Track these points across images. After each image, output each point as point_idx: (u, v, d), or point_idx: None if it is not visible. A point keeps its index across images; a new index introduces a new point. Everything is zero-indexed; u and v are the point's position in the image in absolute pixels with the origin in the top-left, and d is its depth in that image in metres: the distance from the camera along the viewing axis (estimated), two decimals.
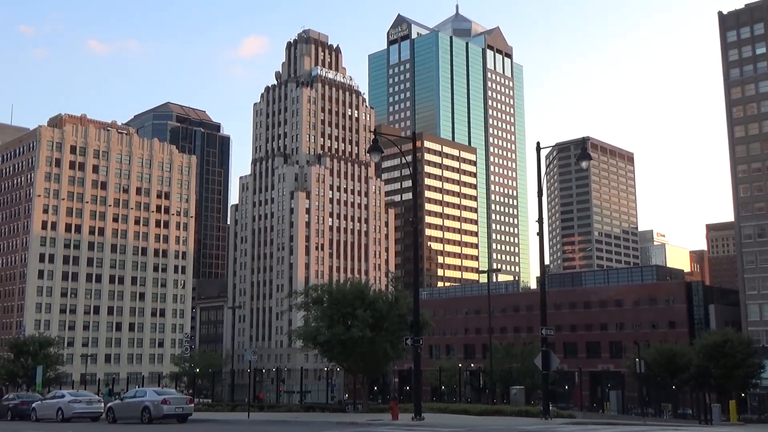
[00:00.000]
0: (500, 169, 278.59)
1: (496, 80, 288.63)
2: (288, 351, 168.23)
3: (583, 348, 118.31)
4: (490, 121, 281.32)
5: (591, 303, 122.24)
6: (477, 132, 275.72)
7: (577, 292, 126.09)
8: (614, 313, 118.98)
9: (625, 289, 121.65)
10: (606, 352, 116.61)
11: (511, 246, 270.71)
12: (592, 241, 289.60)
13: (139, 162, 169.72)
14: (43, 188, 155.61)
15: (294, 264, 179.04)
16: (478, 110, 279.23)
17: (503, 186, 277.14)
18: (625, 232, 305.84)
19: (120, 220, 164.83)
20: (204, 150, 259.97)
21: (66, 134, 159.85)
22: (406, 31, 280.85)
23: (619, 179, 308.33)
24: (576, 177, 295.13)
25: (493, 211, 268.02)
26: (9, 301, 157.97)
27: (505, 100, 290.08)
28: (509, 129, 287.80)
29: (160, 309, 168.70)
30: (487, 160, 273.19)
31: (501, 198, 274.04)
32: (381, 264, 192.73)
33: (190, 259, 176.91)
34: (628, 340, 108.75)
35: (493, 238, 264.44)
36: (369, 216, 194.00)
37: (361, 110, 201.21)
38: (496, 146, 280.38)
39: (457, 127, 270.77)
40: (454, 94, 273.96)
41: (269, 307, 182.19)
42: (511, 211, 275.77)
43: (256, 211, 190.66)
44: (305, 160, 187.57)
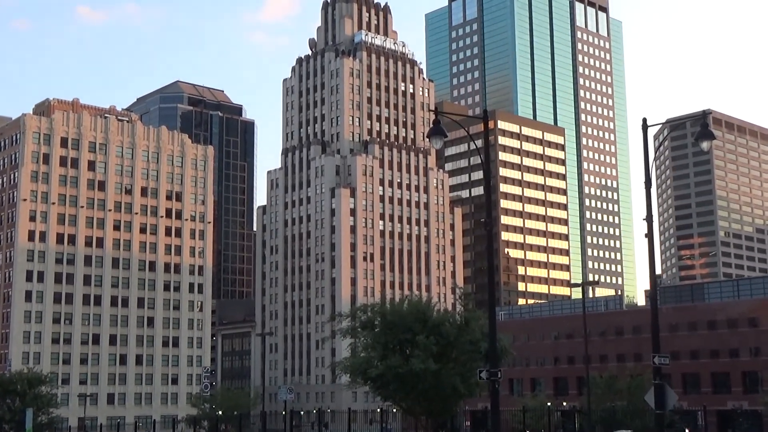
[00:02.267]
0: (596, 155, 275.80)
1: (589, 41, 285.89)
2: (332, 388, 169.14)
3: (708, 380, 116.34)
4: (582, 93, 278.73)
5: (717, 323, 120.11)
6: (565, 108, 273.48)
7: (699, 309, 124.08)
8: (748, 335, 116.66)
9: (761, 304, 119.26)
10: (738, 385, 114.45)
11: (612, 252, 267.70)
12: (717, 243, 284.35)
13: (145, 156, 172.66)
14: (29, 191, 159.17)
15: (337, 279, 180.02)
16: (566, 81, 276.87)
17: (600, 176, 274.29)
18: (760, 230, 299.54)
19: (122, 229, 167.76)
20: (223, 139, 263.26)
21: (55, 124, 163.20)
22: None
23: (750, 163, 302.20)
24: (694, 162, 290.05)
25: (587, 208, 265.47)
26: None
27: (601, 66, 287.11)
28: (606, 103, 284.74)
29: (174, 337, 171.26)
30: (579, 144, 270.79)
31: (598, 191, 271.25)
32: (446, 277, 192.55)
33: (208, 274, 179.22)
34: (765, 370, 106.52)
35: (589, 242, 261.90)
36: (430, 217, 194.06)
37: (418, 84, 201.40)
38: (590, 125, 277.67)
39: (540, 103, 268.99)
40: (534, 61, 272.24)
41: (307, 334, 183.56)
42: (610, 207, 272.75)
43: (289, 214, 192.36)
44: (348, 149, 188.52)
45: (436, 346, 41.17)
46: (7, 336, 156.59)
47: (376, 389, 44.33)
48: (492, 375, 32.22)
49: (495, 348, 33.19)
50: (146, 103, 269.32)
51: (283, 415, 56.22)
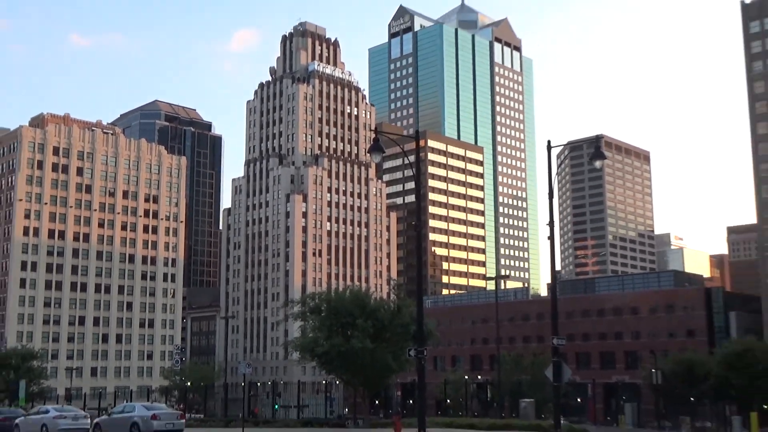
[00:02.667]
0: (509, 170, 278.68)
1: (505, 75, 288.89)
2: (284, 363, 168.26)
3: (597, 358, 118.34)
4: (498, 118, 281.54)
5: (605, 311, 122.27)
6: (484, 130, 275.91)
7: (591, 300, 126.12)
8: (629, 321, 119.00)
9: (640, 296, 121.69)
10: (621, 362, 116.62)
11: (521, 251, 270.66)
12: (606, 245, 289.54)
13: (126, 164, 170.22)
14: (25, 192, 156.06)
15: (290, 271, 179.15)
16: (485, 107, 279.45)
17: (512, 187, 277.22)
18: (641, 235, 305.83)
19: (106, 226, 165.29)
20: (194, 150, 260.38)
21: (48, 135, 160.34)
22: (409, 23, 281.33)
23: (634, 179, 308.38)
24: (589, 177, 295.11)
25: (501, 214, 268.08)
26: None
27: (514, 96, 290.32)
28: (518, 127, 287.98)
29: (149, 319, 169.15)
30: (495, 160, 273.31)
31: (510, 200, 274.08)
32: (382, 271, 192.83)
33: (180, 266, 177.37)
34: (644, 350, 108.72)
35: (502, 242, 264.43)
36: (369, 220, 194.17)
37: (361, 108, 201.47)
38: (505, 145, 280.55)
39: (463, 125, 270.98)
40: (459, 90, 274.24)
41: (264, 317, 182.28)
42: (520, 214, 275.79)
43: (250, 216, 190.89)
44: (302, 161, 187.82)
45: (372, 329, 41.32)
46: (4, 318, 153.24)
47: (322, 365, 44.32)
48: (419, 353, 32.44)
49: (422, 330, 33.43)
50: (128, 118, 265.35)
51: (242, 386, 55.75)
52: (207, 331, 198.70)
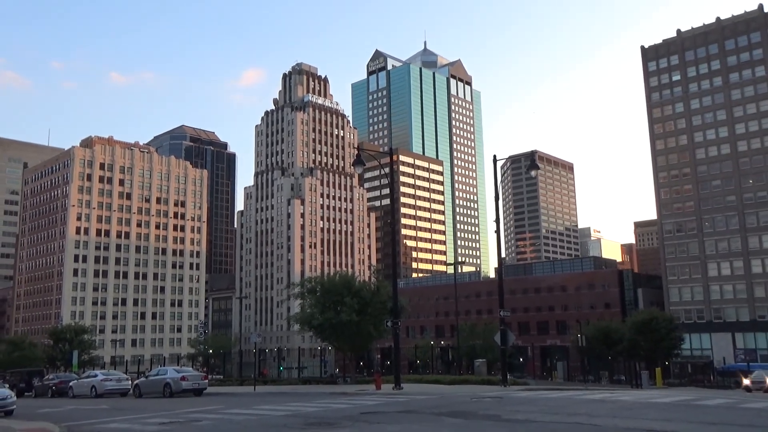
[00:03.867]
0: (463, 178, 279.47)
1: (459, 104, 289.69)
2: (287, 333, 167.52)
3: (535, 327, 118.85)
4: (455, 138, 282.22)
5: (540, 289, 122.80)
6: (443, 147, 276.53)
7: (529, 280, 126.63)
8: (559, 297, 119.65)
9: (568, 277, 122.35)
10: (553, 329, 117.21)
11: (474, 242, 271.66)
12: (540, 237, 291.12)
13: (159, 176, 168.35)
14: (77, 199, 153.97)
15: (291, 260, 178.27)
16: (444, 129, 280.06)
17: (466, 192, 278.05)
18: (568, 229, 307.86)
19: (143, 226, 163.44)
20: (214, 165, 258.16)
21: (96, 153, 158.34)
22: (383, 63, 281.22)
23: (561, 185, 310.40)
24: (526, 184, 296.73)
25: (458, 213, 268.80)
26: (48, 295, 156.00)
27: (467, 120, 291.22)
28: (470, 144, 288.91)
29: (178, 300, 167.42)
30: (452, 171, 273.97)
31: (464, 202, 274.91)
32: (365, 259, 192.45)
33: (203, 257, 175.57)
34: (571, 320, 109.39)
35: (459, 236, 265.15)
36: (354, 219, 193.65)
37: (346, 130, 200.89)
38: (460, 159, 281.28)
39: (427, 144, 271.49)
40: (423, 115, 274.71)
41: (271, 297, 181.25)
42: (473, 213, 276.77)
43: (259, 216, 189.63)
44: (300, 173, 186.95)
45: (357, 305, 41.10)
46: (60, 300, 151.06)
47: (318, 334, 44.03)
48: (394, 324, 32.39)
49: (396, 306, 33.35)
50: (160, 139, 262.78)
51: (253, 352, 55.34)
52: (225, 309, 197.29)
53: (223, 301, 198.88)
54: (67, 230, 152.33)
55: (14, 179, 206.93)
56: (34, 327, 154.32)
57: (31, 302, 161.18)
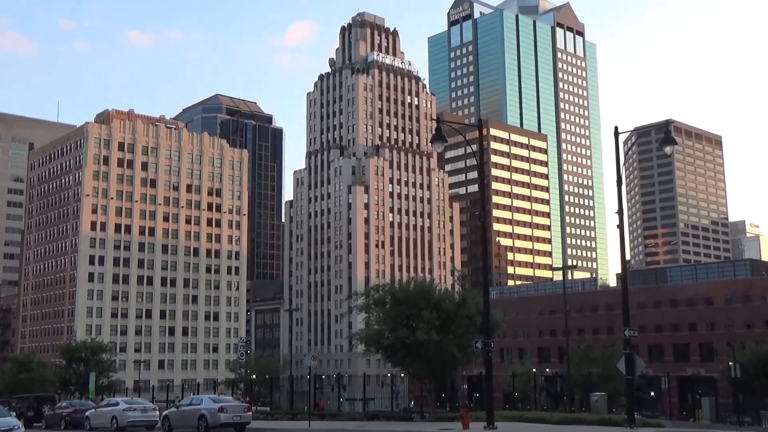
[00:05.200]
0: (574, 157, 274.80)
1: (568, 60, 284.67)
2: (349, 356, 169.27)
3: (670, 350, 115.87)
4: (562, 105, 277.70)
5: (678, 301, 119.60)
6: (547, 117, 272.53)
7: (662, 290, 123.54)
8: (704, 311, 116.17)
9: (715, 286, 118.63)
10: (695, 354, 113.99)
11: (588, 240, 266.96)
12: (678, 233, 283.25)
13: (189, 158, 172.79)
14: (92, 187, 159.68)
15: (353, 263, 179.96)
16: (548, 94, 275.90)
17: (577, 175, 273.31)
18: (714, 223, 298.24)
19: (170, 220, 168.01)
20: (256, 143, 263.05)
21: (113, 130, 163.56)
22: (468, 10, 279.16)
23: (706, 165, 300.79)
24: (658, 164, 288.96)
25: (567, 203, 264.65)
26: (59, 305, 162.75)
27: (578, 82, 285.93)
28: (583, 114, 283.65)
29: (214, 312, 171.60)
30: (559, 148, 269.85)
31: (575, 188, 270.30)
32: (446, 262, 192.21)
33: (243, 259, 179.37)
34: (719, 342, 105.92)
35: (568, 232, 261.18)
36: (432, 210, 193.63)
37: (422, 97, 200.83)
38: (569, 132, 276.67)
39: (526, 113, 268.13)
40: (521, 77, 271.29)
41: (328, 310, 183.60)
42: (586, 202, 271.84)
43: (312, 208, 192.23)
44: (363, 152, 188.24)
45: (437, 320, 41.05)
46: (73, 311, 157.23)
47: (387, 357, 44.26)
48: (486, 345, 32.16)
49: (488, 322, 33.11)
50: (190, 113, 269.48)
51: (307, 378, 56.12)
52: (271, 324, 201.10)
53: (269, 314, 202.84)
54: (80, 225, 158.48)
55: (19, 163, 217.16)
56: (43, 343, 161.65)
57: (39, 313, 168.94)
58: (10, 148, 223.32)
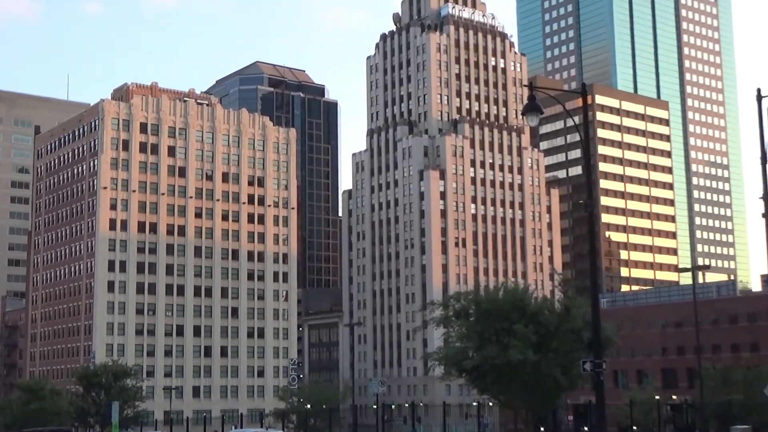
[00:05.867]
0: (704, 129, 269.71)
1: (694, 7, 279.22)
2: (424, 381, 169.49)
3: None
4: (687, 64, 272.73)
5: None
6: (668, 80, 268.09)
7: None
8: None
9: None
10: None
11: (723, 234, 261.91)
12: None
13: (225, 140, 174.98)
14: (109, 178, 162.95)
15: (427, 266, 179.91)
16: (670, 51, 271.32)
17: (709, 152, 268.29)
18: None
19: (204, 216, 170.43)
20: (305, 121, 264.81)
21: (134, 109, 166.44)
22: None
23: None
24: None
25: (695, 187, 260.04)
26: (74, 320, 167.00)
27: (708, 35, 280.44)
28: (714, 74, 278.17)
29: (258, 328, 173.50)
30: (685, 119, 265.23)
31: (707, 168, 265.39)
32: (543, 263, 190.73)
33: (293, 262, 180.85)
34: None
35: (698, 223, 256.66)
36: (525, 199, 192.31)
37: (509, 59, 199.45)
38: (697, 98, 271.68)
39: (641, 76, 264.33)
40: (634, 31, 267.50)
41: (398, 324, 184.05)
42: (721, 186, 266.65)
43: (375, 198, 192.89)
44: (437, 129, 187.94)
45: (534, 336, 40.91)
46: (91, 328, 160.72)
47: (472, 381, 44.31)
48: (596, 366, 31.79)
49: (599, 337, 32.75)
50: (225, 85, 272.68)
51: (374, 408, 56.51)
52: (328, 342, 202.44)
53: (325, 329, 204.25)
54: (96, 224, 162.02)
55: (24, 150, 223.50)
56: (56, 367, 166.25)
57: (51, 330, 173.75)
58: (13, 132, 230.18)
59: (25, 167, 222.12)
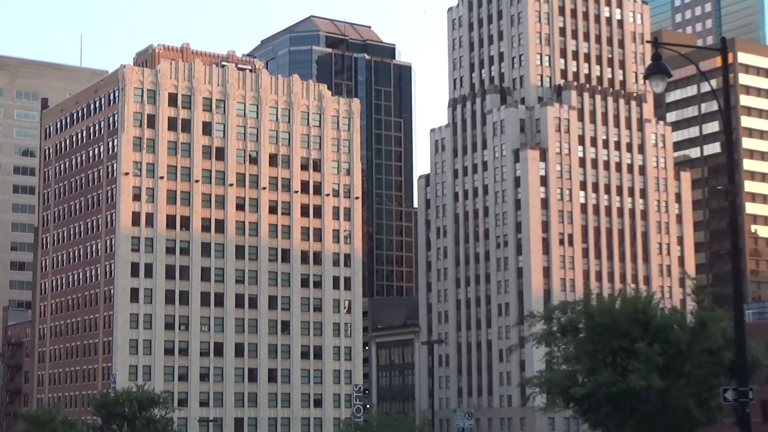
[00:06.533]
0: None
1: None
2: (521, 412, 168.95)
3: None
4: None
5: None
6: None
7: None
8: None
9: None
10: None
11: None
12: None
13: (273, 114, 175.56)
14: (132, 162, 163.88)
15: (525, 269, 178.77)
16: None
17: None
18: None
19: (247, 208, 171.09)
20: (371, 89, 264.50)
21: (161, 76, 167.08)
22: None
23: None
24: None
25: None
26: (91, 337, 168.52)
27: None
28: None
29: (315, 347, 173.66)
30: None
31: None
32: (671, 265, 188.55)
33: (357, 265, 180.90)
34: None
35: None
36: (647, 185, 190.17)
37: (627, 8, 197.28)
38: None
39: None
40: None
41: (488, 341, 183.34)
42: None
43: (460, 185, 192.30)
44: (535, 98, 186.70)
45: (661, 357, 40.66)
46: (111, 345, 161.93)
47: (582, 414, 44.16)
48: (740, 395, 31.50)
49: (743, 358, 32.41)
50: (273, 45, 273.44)
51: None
52: (401, 364, 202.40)
53: (398, 348, 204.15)
54: (117, 220, 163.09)
55: (28, 129, 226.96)
56: (69, 393, 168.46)
57: (62, 349, 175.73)
58: (15, 107, 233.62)
59: (30, 150, 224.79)
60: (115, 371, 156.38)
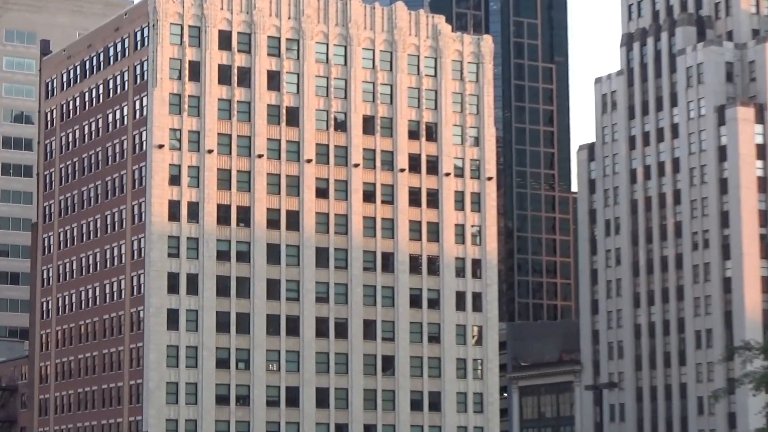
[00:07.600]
0: None
1: None
2: None
3: None
4: None
5: None
6: None
7: None
8: None
9: None
10: None
11: None
12: None
13: (368, 59, 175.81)
14: (168, 130, 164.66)
15: (735, 280, 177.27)
16: None
17: None
18: None
19: (332, 195, 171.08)
20: (509, 22, 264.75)
21: (209, 7, 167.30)
22: None
23: None
24: None
25: None
26: (113, 378, 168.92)
27: None
28: None
29: (431, 393, 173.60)
30: None
31: None
32: None
33: (491, 276, 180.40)
34: None
35: None
36: None
37: None
38: None
39: None
40: None
41: (681, 385, 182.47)
42: None
43: (639, 159, 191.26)
44: (749, 30, 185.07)
45: None
46: (140, 390, 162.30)
47: None
48: None
49: None
50: None
51: None
52: (555, 417, 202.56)
53: (551, 396, 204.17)
54: (147, 213, 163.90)
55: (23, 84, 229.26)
56: None
57: (74, 395, 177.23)
58: (4, 52, 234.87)
59: (25, 113, 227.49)
60: (147, 428, 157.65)
